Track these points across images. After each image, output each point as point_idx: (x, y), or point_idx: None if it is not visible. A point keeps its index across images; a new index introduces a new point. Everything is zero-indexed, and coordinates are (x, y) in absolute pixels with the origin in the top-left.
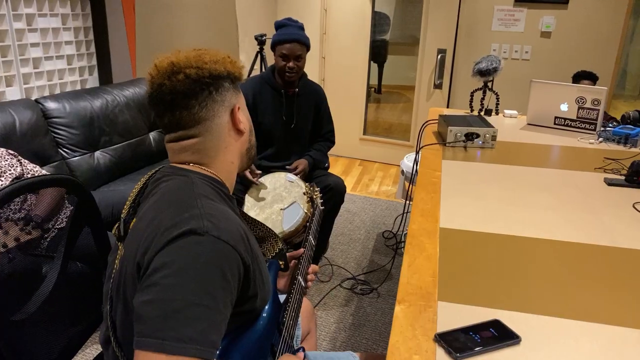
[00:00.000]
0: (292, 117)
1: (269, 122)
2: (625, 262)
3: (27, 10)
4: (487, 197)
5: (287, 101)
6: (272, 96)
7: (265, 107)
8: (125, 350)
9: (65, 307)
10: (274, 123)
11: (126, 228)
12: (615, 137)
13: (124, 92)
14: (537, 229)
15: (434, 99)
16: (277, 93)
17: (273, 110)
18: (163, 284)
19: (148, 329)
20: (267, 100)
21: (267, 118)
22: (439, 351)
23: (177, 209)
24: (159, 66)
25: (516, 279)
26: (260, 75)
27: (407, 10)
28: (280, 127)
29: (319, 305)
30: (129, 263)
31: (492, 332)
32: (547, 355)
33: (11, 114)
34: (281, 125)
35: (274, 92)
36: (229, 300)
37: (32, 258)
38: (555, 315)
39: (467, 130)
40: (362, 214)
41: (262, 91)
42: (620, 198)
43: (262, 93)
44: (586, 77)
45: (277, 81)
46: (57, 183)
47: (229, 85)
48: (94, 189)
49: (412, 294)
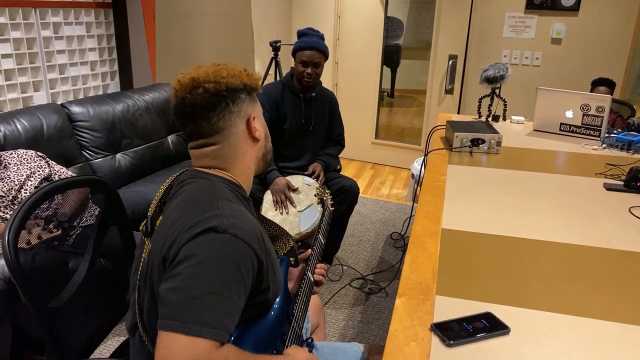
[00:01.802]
0: (310, 120)
1: (289, 124)
2: (616, 263)
3: (54, 19)
4: (489, 201)
5: (305, 105)
6: (292, 100)
7: (287, 110)
8: (151, 334)
9: (94, 298)
10: (294, 125)
11: (152, 225)
12: (619, 143)
13: (144, 96)
14: (534, 231)
15: (445, 104)
16: (296, 97)
17: (293, 113)
18: (185, 274)
19: (171, 312)
20: (288, 104)
21: (289, 120)
22: (434, 339)
23: (200, 209)
24: (181, 81)
25: (510, 277)
26: (281, 80)
27: (421, 16)
28: (300, 129)
29: (329, 303)
30: (156, 256)
31: (484, 323)
32: (534, 344)
33: (39, 118)
34: (300, 128)
35: (293, 96)
36: (243, 292)
37: (59, 254)
38: (544, 309)
39: (473, 136)
40: (372, 216)
41: (284, 95)
42: (618, 203)
43: (284, 97)
44: (603, 83)
45: (296, 86)
46: (90, 183)
47: (245, 96)
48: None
49: (412, 288)
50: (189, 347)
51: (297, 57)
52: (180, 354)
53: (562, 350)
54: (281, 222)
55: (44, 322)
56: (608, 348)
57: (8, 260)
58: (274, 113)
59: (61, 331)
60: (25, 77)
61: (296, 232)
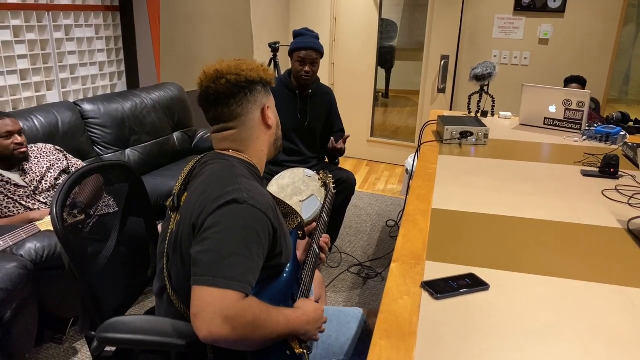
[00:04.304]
0: (306, 116)
1: (284, 119)
2: (583, 234)
3: (65, 22)
4: (475, 185)
5: (301, 101)
6: (287, 97)
7: (282, 107)
8: (180, 294)
9: (122, 270)
10: (289, 120)
11: (179, 201)
12: (598, 135)
13: (151, 95)
14: (514, 210)
15: (438, 103)
16: (292, 94)
17: (288, 109)
18: (213, 238)
19: (203, 270)
20: (283, 101)
21: (283, 116)
22: (424, 294)
23: (223, 184)
24: (206, 72)
25: (491, 246)
26: (279, 78)
27: (414, 18)
28: (295, 124)
29: (329, 287)
30: (185, 225)
31: (467, 281)
32: (509, 298)
33: (55, 115)
34: (295, 123)
35: (289, 93)
36: (262, 253)
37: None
38: (519, 271)
39: (462, 129)
40: (368, 209)
41: (280, 92)
42: (593, 186)
43: (280, 94)
44: (574, 80)
45: (293, 83)
46: (119, 168)
47: (261, 88)
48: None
49: (405, 255)
50: (220, 298)
51: (294, 57)
52: (213, 303)
53: (533, 302)
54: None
55: (85, 283)
56: (571, 300)
57: (57, 229)
58: None
59: (98, 294)
60: (39, 77)
61: (307, 216)
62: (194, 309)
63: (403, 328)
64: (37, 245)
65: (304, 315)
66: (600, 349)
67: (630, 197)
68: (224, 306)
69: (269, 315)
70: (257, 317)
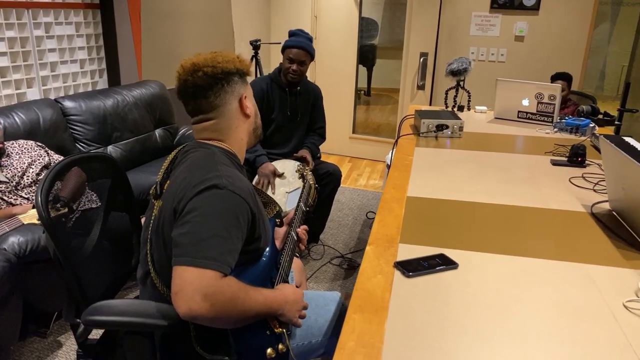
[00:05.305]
0: (296, 112)
1: (277, 115)
2: (548, 218)
3: (45, 19)
4: (449, 174)
5: (291, 98)
6: (279, 94)
7: (274, 103)
8: (163, 277)
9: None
10: (281, 116)
11: (161, 188)
12: (568, 127)
13: (132, 92)
14: (485, 196)
15: (418, 99)
16: (283, 91)
17: (280, 106)
18: (193, 221)
19: (183, 251)
20: (275, 97)
21: (276, 112)
22: (396, 273)
23: (204, 171)
24: (184, 66)
25: (461, 229)
26: (269, 75)
27: (395, 17)
28: (286, 120)
29: (312, 279)
30: (167, 210)
31: (438, 261)
32: (477, 275)
33: (36, 112)
34: (287, 119)
35: (280, 90)
36: (240, 236)
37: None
38: (486, 251)
39: (438, 122)
40: (350, 203)
41: (272, 89)
42: (561, 174)
43: (272, 91)
44: (560, 77)
45: (283, 80)
46: (102, 159)
47: (238, 79)
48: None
49: (380, 239)
50: (200, 276)
51: (285, 54)
52: (193, 282)
53: (499, 279)
54: None
55: (70, 270)
56: (535, 277)
57: (42, 216)
58: (262, 105)
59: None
60: (19, 74)
61: (286, 209)
62: (175, 287)
63: (376, 303)
64: (21, 239)
65: (282, 295)
66: (560, 320)
67: (596, 183)
68: (203, 284)
69: (247, 294)
70: (236, 295)
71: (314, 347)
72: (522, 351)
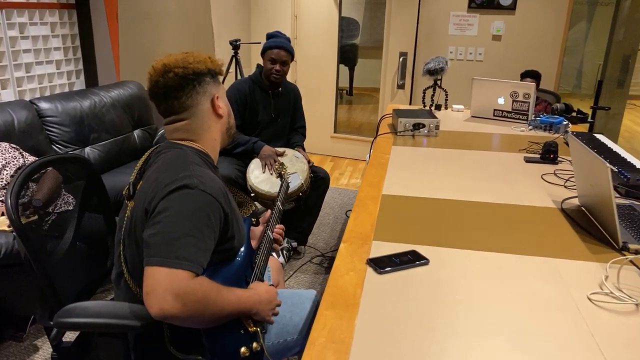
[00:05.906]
0: (279, 113)
1: (261, 117)
2: (520, 214)
3: (19, 20)
4: (424, 172)
5: (274, 99)
6: (261, 95)
7: (257, 105)
8: (136, 277)
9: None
10: (265, 118)
11: (134, 189)
12: (542, 125)
13: (110, 93)
14: (459, 194)
15: (398, 99)
16: (265, 93)
17: (264, 107)
18: (165, 221)
19: (154, 251)
20: (258, 99)
21: (260, 113)
22: (368, 269)
23: (175, 171)
24: (155, 67)
25: (434, 226)
26: (250, 77)
27: (376, 16)
28: (270, 120)
29: (292, 278)
30: (138, 210)
31: (409, 257)
32: (447, 270)
33: (10, 114)
34: (271, 120)
35: (262, 92)
36: (212, 236)
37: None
38: (457, 247)
39: (415, 121)
40: (331, 202)
41: (255, 91)
42: (533, 171)
43: (255, 93)
44: (529, 75)
45: (264, 82)
46: (75, 161)
47: (210, 79)
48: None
49: (354, 236)
50: (171, 276)
51: (266, 56)
52: (164, 282)
53: (468, 274)
54: (265, 181)
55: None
56: (503, 271)
57: (12, 219)
58: (246, 108)
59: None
60: None
61: (275, 190)
62: (146, 287)
63: (347, 300)
64: None
65: (256, 294)
66: (528, 313)
67: (567, 180)
68: (175, 284)
69: (219, 293)
70: (208, 295)
71: (289, 345)
72: (491, 344)
